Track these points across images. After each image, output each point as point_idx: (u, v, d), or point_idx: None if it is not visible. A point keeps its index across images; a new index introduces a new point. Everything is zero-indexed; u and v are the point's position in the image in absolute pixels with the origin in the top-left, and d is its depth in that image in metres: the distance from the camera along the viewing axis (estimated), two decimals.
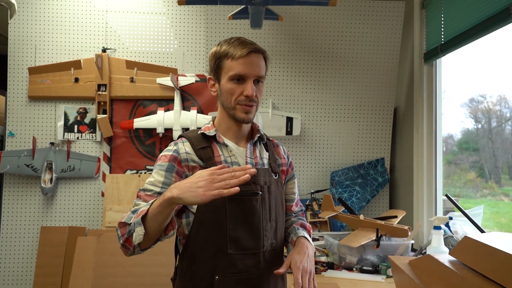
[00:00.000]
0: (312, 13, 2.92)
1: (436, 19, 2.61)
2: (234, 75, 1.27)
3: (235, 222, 1.26)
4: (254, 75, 1.27)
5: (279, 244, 1.36)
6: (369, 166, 2.98)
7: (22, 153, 2.77)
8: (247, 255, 1.26)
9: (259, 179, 1.30)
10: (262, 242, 1.28)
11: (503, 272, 0.88)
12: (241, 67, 1.26)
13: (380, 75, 2.99)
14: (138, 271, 2.51)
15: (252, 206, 1.28)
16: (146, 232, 1.12)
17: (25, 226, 2.83)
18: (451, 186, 2.77)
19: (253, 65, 1.27)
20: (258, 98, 1.31)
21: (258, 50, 1.29)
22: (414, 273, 1.23)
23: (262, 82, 1.32)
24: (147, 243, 1.17)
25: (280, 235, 1.37)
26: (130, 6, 2.91)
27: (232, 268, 1.25)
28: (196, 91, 2.92)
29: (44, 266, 2.71)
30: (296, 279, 1.17)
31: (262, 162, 1.38)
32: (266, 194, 1.31)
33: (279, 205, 1.37)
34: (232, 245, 1.25)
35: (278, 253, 1.35)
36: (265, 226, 1.30)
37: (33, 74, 2.81)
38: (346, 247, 2.13)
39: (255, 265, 1.27)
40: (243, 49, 1.26)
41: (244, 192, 1.25)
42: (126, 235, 1.15)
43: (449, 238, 2.14)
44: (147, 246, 1.18)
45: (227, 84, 1.29)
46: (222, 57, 1.29)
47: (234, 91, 1.28)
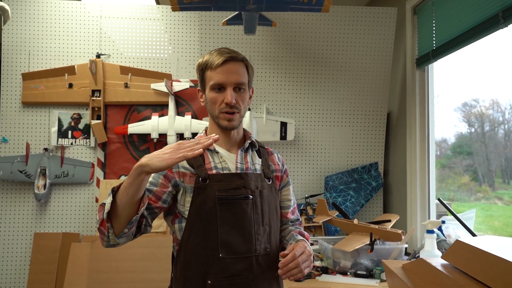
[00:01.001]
0: (305, 19, 2.94)
1: (428, 25, 2.64)
2: (214, 84, 1.31)
3: (226, 226, 1.26)
4: (232, 82, 1.30)
5: (274, 249, 1.36)
6: (363, 170, 3.00)
7: (15, 159, 2.76)
8: (239, 259, 1.26)
9: (250, 183, 1.31)
10: (254, 246, 1.28)
11: (493, 275, 0.89)
12: (219, 76, 1.30)
13: (373, 80, 3.01)
14: (132, 278, 2.50)
15: (243, 210, 1.28)
16: (116, 206, 1.12)
17: (18, 233, 2.81)
18: (445, 190, 2.79)
19: (230, 72, 1.30)
20: (240, 105, 1.33)
21: (234, 58, 1.32)
22: (407, 277, 1.24)
23: (244, 89, 1.34)
24: (119, 223, 1.15)
25: (275, 240, 1.37)
26: (124, 12, 2.91)
27: (224, 272, 1.25)
28: (190, 96, 2.93)
29: (37, 273, 2.69)
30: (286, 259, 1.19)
31: (254, 167, 1.39)
32: (258, 198, 1.32)
33: (273, 210, 1.37)
34: (224, 249, 1.25)
35: (273, 258, 1.35)
36: (257, 230, 1.30)
37: (27, 80, 2.80)
38: (340, 251, 2.13)
39: (248, 269, 1.27)
40: (220, 58, 1.30)
41: (234, 196, 1.28)
42: (101, 217, 1.15)
43: (442, 241, 2.15)
44: (121, 229, 1.16)
45: (209, 93, 1.33)
46: (204, 69, 1.35)
47: (216, 100, 1.32)
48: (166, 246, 2.57)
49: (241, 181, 1.30)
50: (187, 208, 1.29)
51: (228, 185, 1.29)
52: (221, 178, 1.30)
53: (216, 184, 1.28)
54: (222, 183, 1.29)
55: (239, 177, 1.31)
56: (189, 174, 1.30)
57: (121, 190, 1.13)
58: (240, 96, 1.33)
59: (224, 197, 1.27)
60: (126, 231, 1.16)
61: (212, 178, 1.29)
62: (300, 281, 2.02)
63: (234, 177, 1.31)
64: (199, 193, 1.28)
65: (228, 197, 1.27)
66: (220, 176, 1.30)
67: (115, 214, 1.14)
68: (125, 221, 1.15)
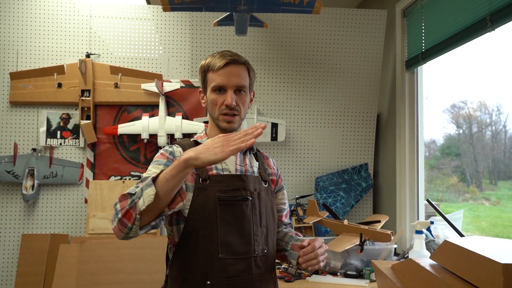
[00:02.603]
0: (296, 21, 2.96)
1: (417, 28, 2.67)
2: (215, 86, 1.33)
3: (226, 227, 1.27)
4: (233, 85, 1.32)
5: (271, 250, 1.37)
6: (353, 171, 3.02)
7: (3, 159, 2.72)
8: (238, 259, 1.27)
9: (249, 185, 1.33)
10: (253, 247, 1.29)
11: (480, 275, 0.90)
12: (220, 78, 1.32)
13: (363, 82, 3.03)
14: (122, 279, 2.48)
15: (243, 211, 1.29)
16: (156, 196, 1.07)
17: (6, 234, 2.77)
18: (434, 191, 2.82)
19: (232, 75, 1.32)
20: (240, 107, 1.35)
21: (236, 61, 1.34)
22: (396, 277, 1.25)
23: (244, 91, 1.36)
24: (149, 215, 1.11)
25: (271, 242, 1.38)
26: (114, 12, 2.89)
27: (223, 272, 1.25)
28: (181, 97, 2.92)
29: (25, 275, 2.65)
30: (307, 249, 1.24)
31: (252, 170, 1.40)
32: (256, 200, 1.33)
33: (270, 212, 1.39)
34: (224, 250, 1.25)
35: (270, 260, 1.36)
36: (256, 231, 1.31)
37: (15, 79, 2.77)
38: (331, 252, 2.14)
39: (246, 269, 1.28)
40: (222, 60, 1.32)
41: (234, 197, 1.29)
42: (127, 207, 1.10)
43: (431, 242, 2.17)
44: (148, 221, 1.12)
45: (210, 95, 1.35)
46: (206, 71, 1.36)
47: (216, 101, 1.34)
48: (157, 247, 2.56)
49: (240, 182, 1.32)
50: (187, 206, 1.28)
51: (228, 186, 1.30)
52: (221, 179, 1.31)
53: (216, 185, 1.29)
54: (222, 184, 1.30)
55: (239, 179, 1.32)
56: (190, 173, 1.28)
57: (160, 181, 1.09)
58: (240, 99, 1.35)
59: (224, 198, 1.28)
60: (152, 224, 1.14)
61: (213, 179, 1.30)
62: (291, 281, 2.03)
63: (234, 179, 1.32)
64: (199, 193, 1.28)
65: (228, 198, 1.28)
66: (220, 177, 1.31)
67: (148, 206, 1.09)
68: (156, 213, 1.13)
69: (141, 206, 1.07)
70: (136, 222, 1.10)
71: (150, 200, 1.06)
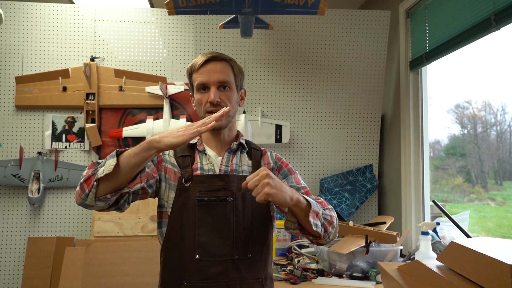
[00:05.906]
0: (301, 22, 2.96)
1: (421, 28, 2.66)
2: (198, 85, 1.35)
3: (204, 227, 1.26)
4: (215, 81, 1.32)
5: (258, 254, 1.31)
6: (358, 172, 3.01)
7: (8, 163, 2.74)
8: (215, 262, 1.25)
9: (231, 185, 1.30)
10: (232, 249, 1.26)
11: (488, 276, 0.90)
12: (202, 76, 1.33)
13: (367, 82, 3.03)
14: (128, 282, 2.49)
15: (222, 212, 1.27)
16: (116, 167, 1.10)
17: (12, 237, 2.79)
18: (439, 191, 2.80)
19: (212, 71, 1.32)
20: (226, 103, 1.33)
21: (216, 58, 1.34)
22: (403, 279, 1.25)
23: (229, 87, 1.35)
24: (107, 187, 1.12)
25: (259, 245, 1.32)
26: (118, 15, 2.91)
27: (199, 274, 1.24)
28: (185, 99, 2.93)
29: (31, 278, 2.66)
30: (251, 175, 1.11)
31: (241, 169, 1.37)
32: (240, 201, 1.29)
33: (258, 213, 1.32)
34: (200, 251, 1.24)
35: (256, 264, 1.30)
36: (237, 234, 1.27)
37: (20, 83, 2.79)
38: (336, 253, 2.14)
39: (223, 273, 1.25)
40: (202, 58, 1.33)
41: (214, 197, 1.27)
42: (90, 173, 1.14)
43: (437, 243, 2.16)
44: (104, 193, 1.13)
45: (196, 95, 1.37)
46: (191, 73, 1.38)
47: (201, 100, 1.35)
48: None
49: (221, 182, 1.30)
50: (169, 205, 1.30)
51: (209, 186, 1.29)
52: (203, 180, 1.30)
53: (198, 185, 1.29)
54: (203, 185, 1.29)
55: (220, 179, 1.30)
56: (173, 172, 1.32)
57: (124, 156, 1.13)
58: (225, 95, 1.33)
59: (204, 199, 1.27)
60: (108, 197, 1.15)
61: (195, 179, 1.30)
62: (296, 283, 2.03)
63: (215, 179, 1.30)
64: (181, 193, 1.29)
65: (207, 199, 1.27)
66: (202, 178, 1.31)
67: (107, 176, 1.11)
68: (113, 188, 1.14)
69: (100, 173, 1.11)
70: (93, 190, 1.12)
71: (110, 169, 1.09)
